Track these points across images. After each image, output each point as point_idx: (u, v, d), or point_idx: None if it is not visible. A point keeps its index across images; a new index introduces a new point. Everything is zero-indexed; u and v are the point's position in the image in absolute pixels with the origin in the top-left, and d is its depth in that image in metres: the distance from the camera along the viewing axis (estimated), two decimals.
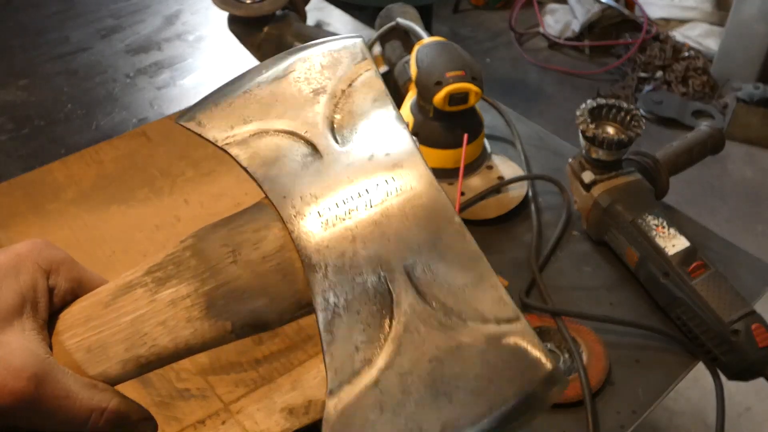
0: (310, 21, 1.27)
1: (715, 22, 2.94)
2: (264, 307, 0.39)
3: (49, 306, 0.40)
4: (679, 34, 2.93)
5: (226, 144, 0.43)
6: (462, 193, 0.91)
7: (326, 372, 0.36)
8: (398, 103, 1.00)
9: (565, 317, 0.79)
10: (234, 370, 0.71)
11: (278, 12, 1.04)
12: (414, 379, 0.35)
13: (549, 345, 0.78)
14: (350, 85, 0.44)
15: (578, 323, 0.78)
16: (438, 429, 0.34)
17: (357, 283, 0.37)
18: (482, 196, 0.92)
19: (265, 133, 0.43)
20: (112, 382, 0.40)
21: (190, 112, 0.45)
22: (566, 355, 0.76)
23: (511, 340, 0.35)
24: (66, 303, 0.41)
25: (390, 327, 0.36)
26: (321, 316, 0.37)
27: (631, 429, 0.71)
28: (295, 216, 0.39)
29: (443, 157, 0.93)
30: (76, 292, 0.41)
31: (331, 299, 0.37)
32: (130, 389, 0.69)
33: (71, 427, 0.38)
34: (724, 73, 2.71)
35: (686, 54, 2.81)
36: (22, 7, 1.38)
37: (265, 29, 1.04)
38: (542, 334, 0.78)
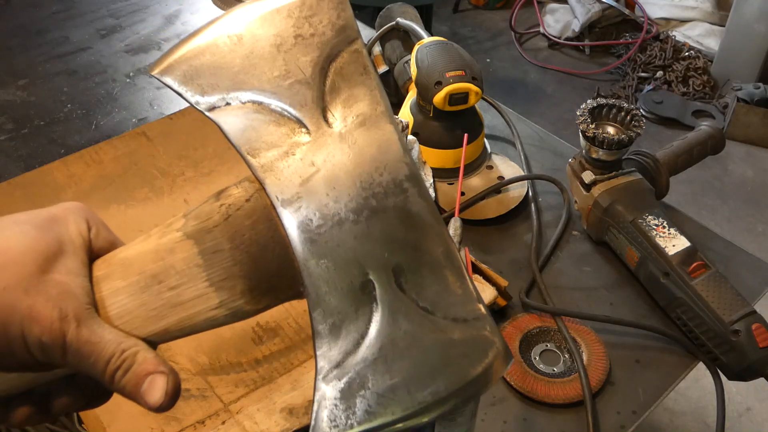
0: None
1: (716, 22, 2.94)
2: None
3: (90, 254, 0.43)
4: (679, 34, 2.93)
5: (211, 110, 0.41)
6: (462, 193, 0.91)
7: (316, 359, 0.38)
8: (398, 103, 1.00)
9: (565, 317, 0.79)
10: (234, 370, 0.71)
11: None
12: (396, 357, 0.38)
13: (549, 345, 0.78)
14: (338, 54, 0.42)
15: (578, 323, 0.78)
16: (431, 395, 0.38)
17: (346, 283, 0.39)
18: (482, 196, 0.92)
19: (252, 103, 0.42)
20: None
21: (166, 62, 0.42)
22: (566, 355, 0.76)
23: (475, 331, 0.40)
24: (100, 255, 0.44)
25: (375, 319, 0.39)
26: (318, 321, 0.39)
27: (632, 429, 0.71)
28: (292, 220, 0.40)
29: (443, 157, 0.93)
30: (109, 251, 0.45)
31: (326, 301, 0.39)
32: None
33: (98, 368, 0.39)
34: (725, 73, 2.71)
35: (686, 54, 2.81)
36: (22, 7, 1.38)
37: None
38: (542, 334, 0.78)
